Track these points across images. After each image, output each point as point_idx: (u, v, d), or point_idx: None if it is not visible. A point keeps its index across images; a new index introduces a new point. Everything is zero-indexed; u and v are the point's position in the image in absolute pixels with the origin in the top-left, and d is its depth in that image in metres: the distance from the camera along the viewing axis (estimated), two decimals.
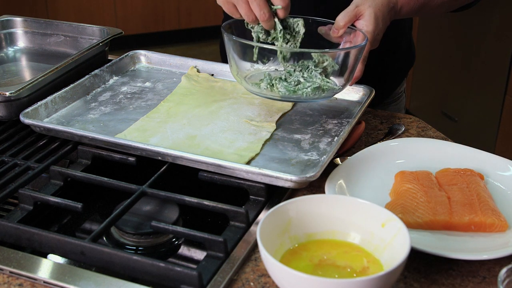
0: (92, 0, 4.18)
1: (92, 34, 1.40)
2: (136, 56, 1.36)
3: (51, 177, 0.99)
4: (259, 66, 1.11)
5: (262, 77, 1.08)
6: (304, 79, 1.05)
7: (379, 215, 0.81)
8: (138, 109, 1.17)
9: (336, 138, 1.06)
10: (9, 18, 1.45)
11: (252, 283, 0.81)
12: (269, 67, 1.12)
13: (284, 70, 1.08)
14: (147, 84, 1.27)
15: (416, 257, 0.85)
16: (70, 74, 1.24)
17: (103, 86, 1.25)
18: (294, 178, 0.92)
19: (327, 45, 1.11)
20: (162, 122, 1.11)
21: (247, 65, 1.11)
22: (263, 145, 1.05)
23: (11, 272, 0.82)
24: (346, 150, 1.09)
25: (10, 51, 1.44)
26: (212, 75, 1.30)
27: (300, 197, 0.83)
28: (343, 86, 1.08)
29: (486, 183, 0.99)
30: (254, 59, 1.07)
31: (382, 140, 1.14)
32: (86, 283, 0.79)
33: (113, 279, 0.80)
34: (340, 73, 1.07)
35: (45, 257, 0.85)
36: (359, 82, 1.19)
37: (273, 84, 1.06)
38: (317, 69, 1.06)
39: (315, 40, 1.11)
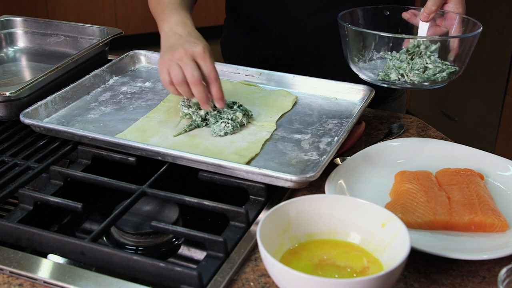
0: (92, 0, 4.17)
1: (92, 34, 1.40)
2: (136, 56, 1.36)
3: (51, 177, 0.99)
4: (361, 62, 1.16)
5: (372, 68, 1.12)
6: (431, 64, 1.08)
7: (379, 215, 0.81)
8: (138, 109, 1.17)
9: (336, 138, 1.06)
10: (9, 18, 1.45)
11: (252, 283, 0.81)
12: (364, 62, 1.15)
13: (388, 59, 1.11)
14: (147, 84, 1.27)
15: (416, 257, 0.85)
16: (70, 74, 1.24)
17: (103, 86, 1.25)
18: (294, 178, 0.92)
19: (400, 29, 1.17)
20: (162, 122, 1.11)
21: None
22: (263, 145, 1.05)
23: (11, 272, 0.82)
24: (346, 150, 1.09)
25: (10, 51, 1.44)
26: None
27: (300, 197, 0.83)
28: (461, 68, 1.11)
29: (486, 183, 0.99)
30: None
31: (382, 140, 1.14)
32: (86, 283, 0.79)
33: (113, 279, 0.80)
34: (444, 57, 1.11)
35: (45, 257, 0.85)
36: (360, 81, 1.19)
37: (402, 74, 1.08)
38: (434, 53, 1.09)
39: (382, 25, 1.16)
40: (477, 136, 2.84)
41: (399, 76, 1.09)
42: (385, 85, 1.11)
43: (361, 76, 1.14)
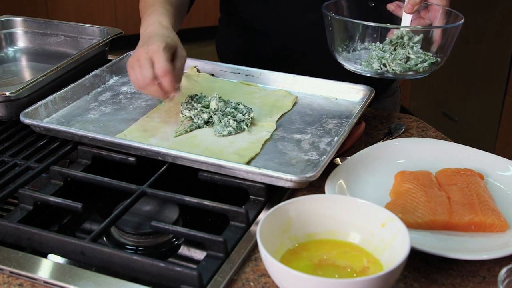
0: (92, 0, 4.17)
1: (92, 34, 1.40)
2: None
3: (51, 177, 0.99)
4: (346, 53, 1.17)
5: (356, 58, 1.14)
6: (414, 55, 1.09)
7: (379, 215, 0.81)
8: (138, 109, 1.17)
9: (336, 138, 1.06)
10: (9, 18, 1.45)
11: (252, 283, 0.81)
12: (348, 52, 1.16)
13: (372, 49, 1.13)
14: None
15: (416, 257, 0.85)
16: (70, 74, 1.24)
17: (103, 86, 1.25)
18: (294, 178, 0.92)
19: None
20: (162, 122, 1.11)
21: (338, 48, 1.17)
22: (263, 145, 1.05)
23: (11, 272, 0.82)
24: (346, 150, 1.09)
25: (10, 51, 1.44)
26: (212, 75, 1.30)
27: (300, 197, 0.83)
28: (443, 59, 1.13)
29: (486, 183, 0.99)
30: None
31: (382, 140, 1.14)
32: (86, 283, 0.79)
33: (113, 279, 0.80)
34: (427, 48, 1.13)
35: (45, 257, 0.85)
36: (358, 81, 1.19)
37: (385, 64, 1.10)
38: (417, 44, 1.10)
39: (367, 17, 1.16)
40: (477, 136, 2.84)
41: (381, 66, 1.10)
42: (368, 75, 1.12)
43: (347, 66, 1.15)
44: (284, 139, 1.07)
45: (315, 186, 0.98)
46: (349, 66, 1.14)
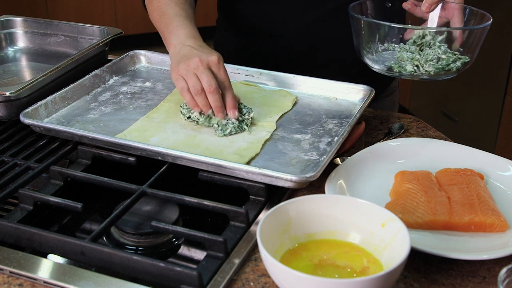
0: (92, 0, 4.17)
1: (92, 34, 1.40)
2: (136, 56, 1.36)
3: (51, 177, 0.99)
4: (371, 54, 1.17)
5: (382, 60, 1.14)
6: (444, 55, 1.09)
7: (379, 215, 0.81)
8: (138, 109, 1.17)
9: (336, 138, 1.06)
10: (9, 18, 1.45)
11: (252, 283, 0.81)
12: (372, 54, 1.15)
13: (397, 50, 1.12)
14: (147, 84, 1.27)
15: (416, 257, 0.85)
16: (70, 74, 1.24)
17: (103, 86, 1.25)
18: (294, 178, 0.92)
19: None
20: (162, 122, 1.11)
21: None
22: (263, 145, 1.05)
23: (11, 272, 0.82)
24: (346, 150, 1.09)
25: (10, 51, 1.44)
26: None
27: (300, 197, 0.83)
28: (472, 59, 1.13)
29: (486, 183, 0.99)
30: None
31: (382, 140, 1.14)
32: (86, 283, 0.79)
33: (113, 279, 0.80)
34: (450, 47, 1.12)
35: (45, 257, 0.85)
36: (357, 81, 1.19)
37: (418, 65, 1.09)
38: (444, 44, 1.10)
39: (385, 16, 1.16)
40: (477, 136, 2.84)
41: (415, 68, 1.09)
42: (402, 77, 1.12)
43: (375, 68, 1.14)
44: (284, 139, 1.07)
45: (315, 186, 0.98)
46: (378, 67, 1.14)
